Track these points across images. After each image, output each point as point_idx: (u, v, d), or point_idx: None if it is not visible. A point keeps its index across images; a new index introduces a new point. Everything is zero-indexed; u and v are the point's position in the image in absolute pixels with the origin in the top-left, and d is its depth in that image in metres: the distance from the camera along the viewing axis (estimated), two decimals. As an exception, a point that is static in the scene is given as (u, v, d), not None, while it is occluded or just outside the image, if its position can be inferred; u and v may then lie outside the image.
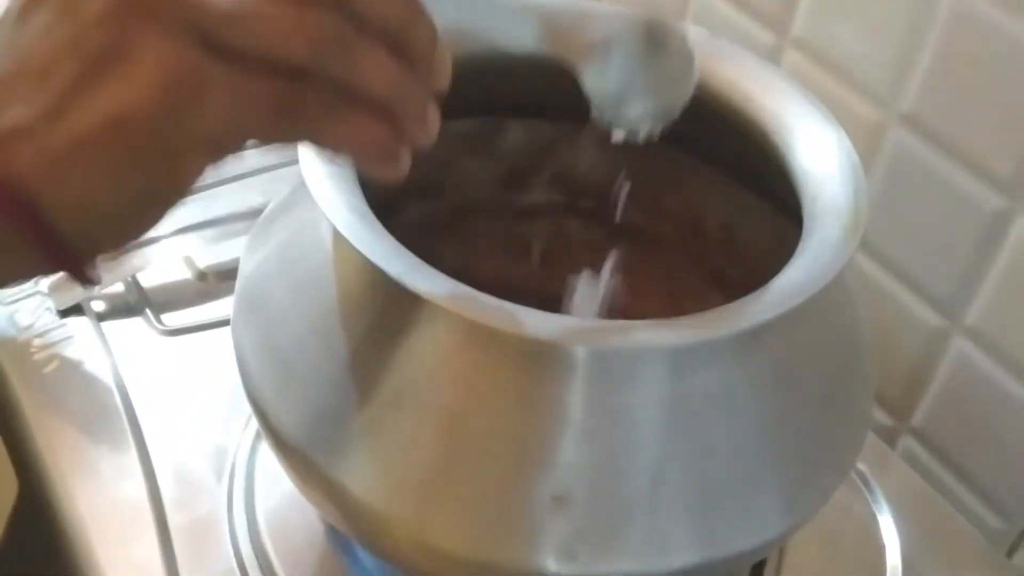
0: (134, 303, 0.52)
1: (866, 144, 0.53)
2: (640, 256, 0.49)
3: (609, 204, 0.49)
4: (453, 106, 0.45)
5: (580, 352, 0.31)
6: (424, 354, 0.32)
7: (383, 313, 0.32)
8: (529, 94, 0.45)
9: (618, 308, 0.50)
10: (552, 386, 0.31)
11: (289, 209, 0.38)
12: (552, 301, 0.50)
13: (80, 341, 0.50)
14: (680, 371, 0.31)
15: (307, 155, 0.33)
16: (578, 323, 0.31)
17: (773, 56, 0.57)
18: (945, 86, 0.49)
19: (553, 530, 0.31)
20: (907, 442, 0.57)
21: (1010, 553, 0.52)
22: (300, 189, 0.39)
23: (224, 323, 0.51)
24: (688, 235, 0.47)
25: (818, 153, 0.35)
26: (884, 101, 0.52)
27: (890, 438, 0.56)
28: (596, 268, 0.50)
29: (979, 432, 0.53)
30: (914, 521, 0.48)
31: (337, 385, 0.33)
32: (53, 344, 0.49)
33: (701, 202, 0.47)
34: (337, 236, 0.32)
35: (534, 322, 0.30)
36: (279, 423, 0.33)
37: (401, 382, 0.32)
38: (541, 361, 0.31)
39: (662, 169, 0.47)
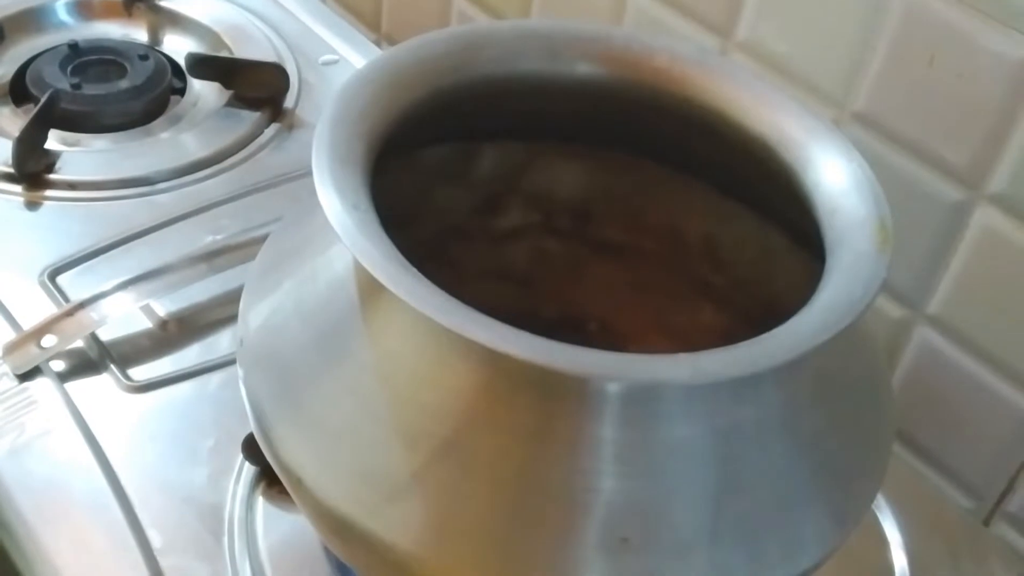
0: (96, 360, 0.49)
1: (822, 144, 0.54)
2: (624, 271, 0.48)
3: (588, 221, 0.49)
4: (426, 135, 0.45)
5: (627, 388, 0.30)
6: (471, 401, 0.31)
7: (425, 362, 0.31)
8: (502, 116, 0.44)
9: (607, 325, 0.50)
10: (598, 423, 0.30)
11: (291, 254, 0.36)
12: (539, 322, 0.49)
13: (45, 406, 0.47)
14: (728, 400, 0.31)
15: (330, 202, 0.31)
16: (629, 358, 0.30)
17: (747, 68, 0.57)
18: (898, 83, 0.50)
19: (615, 572, 0.30)
20: (872, 429, 0.58)
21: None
22: (295, 231, 0.38)
23: (194, 373, 0.49)
24: (670, 248, 0.47)
25: (830, 166, 0.36)
26: (836, 100, 0.53)
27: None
28: (580, 285, 0.49)
29: (945, 417, 0.55)
30: (903, 503, 0.49)
31: (377, 441, 0.31)
32: (16, 413, 0.46)
33: (681, 214, 0.47)
34: (366, 286, 0.30)
35: (587, 359, 0.29)
36: (316, 486, 0.32)
37: (445, 431, 0.31)
38: (586, 398, 0.30)
39: (639, 183, 0.47)
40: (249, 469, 0.45)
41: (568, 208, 0.48)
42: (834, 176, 0.35)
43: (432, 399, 0.31)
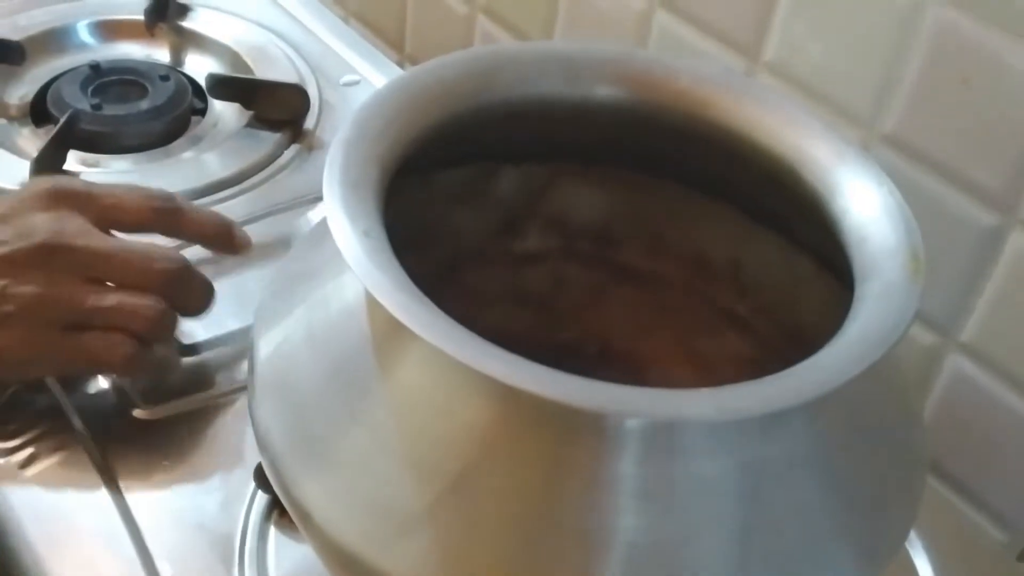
0: (112, 385, 0.48)
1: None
2: (646, 296, 0.47)
3: (609, 246, 0.48)
4: (445, 156, 0.44)
5: (649, 424, 0.29)
6: (482, 433, 0.30)
7: (437, 393, 0.30)
8: (522, 138, 0.43)
9: (628, 351, 0.48)
10: (616, 460, 0.29)
11: (302, 280, 0.35)
12: (558, 348, 0.48)
13: (57, 432, 0.46)
14: (755, 436, 0.30)
15: (339, 227, 0.30)
16: (649, 393, 0.29)
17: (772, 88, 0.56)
18: (929, 104, 0.49)
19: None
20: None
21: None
22: (309, 255, 0.37)
23: (206, 400, 0.48)
24: (694, 274, 0.46)
25: (860, 193, 0.34)
26: (865, 122, 0.52)
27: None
28: (601, 311, 0.48)
29: (978, 447, 0.53)
30: (934, 536, 0.47)
31: (388, 474, 0.30)
32: (27, 438, 0.45)
33: (706, 239, 0.46)
34: (376, 314, 0.29)
35: (604, 394, 0.28)
36: (325, 520, 0.31)
37: (458, 465, 0.30)
38: (604, 434, 0.29)
39: (662, 207, 0.46)
40: (261, 498, 0.44)
41: (589, 232, 0.47)
42: (863, 202, 0.34)
43: (445, 433, 0.30)
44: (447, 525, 0.30)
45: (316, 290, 0.34)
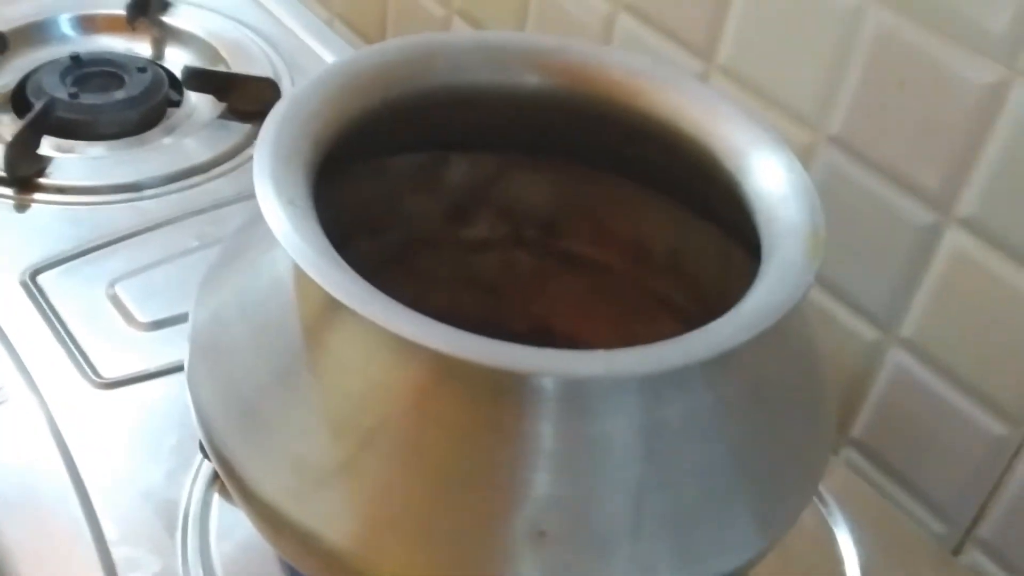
0: (68, 354, 0.50)
1: (797, 166, 0.54)
2: (589, 283, 0.49)
3: (555, 234, 0.49)
4: (398, 142, 0.45)
5: (551, 382, 0.30)
6: (395, 391, 0.31)
7: (351, 353, 0.32)
8: (472, 127, 0.45)
9: (572, 336, 0.50)
10: (525, 418, 0.31)
11: (242, 253, 0.37)
12: (503, 333, 0.50)
13: (14, 398, 0.48)
14: (653, 398, 0.31)
15: (265, 195, 0.32)
16: (548, 353, 0.30)
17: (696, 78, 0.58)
18: (870, 107, 0.51)
19: (534, 564, 0.31)
20: (847, 453, 0.58)
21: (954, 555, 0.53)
22: (247, 231, 0.39)
23: (162, 373, 0.50)
24: (635, 261, 0.48)
25: (769, 175, 0.36)
26: (812, 124, 0.53)
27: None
28: (546, 297, 0.50)
29: (919, 440, 0.54)
30: (863, 528, 0.49)
31: (307, 430, 0.32)
32: (-15, 403, 0.47)
33: (646, 228, 0.47)
34: (300, 277, 0.31)
35: (505, 353, 0.29)
36: (248, 475, 0.32)
37: (373, 421, 0.31)
38: (512, 392, 0.31)
39: (607, 197, 0.47)
40: (207, 467, 0.45)
41: (536, 220, 0.49)
42: (773, 184, 0.36)
43: (358, 389, 0.31)
44: (360, 480, 0.31)
45: (250, 261, 0.36)
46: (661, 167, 0.44)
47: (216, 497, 0.44)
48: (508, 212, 0.49)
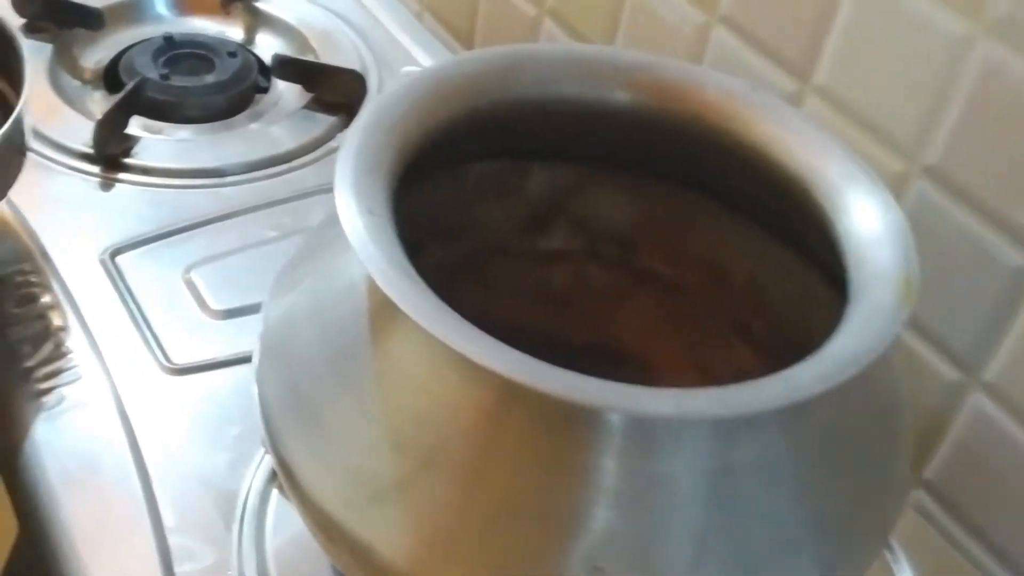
0: (141, 339, 0.50)
1: (888, 195, 0.52)
2: (662, 304, 0.48)
3: (632, 251, 0.48)
4: (478, 150, 0.45)
5: (620, 418, 0.30)
6: (460, 413, 0.31)
7: (418, 369, 0.31)
8: (554, 138, 0.44)
9: (639, 356, 0.49)
10: (590, 451, 0.30)
11: (317, 254, 0.37)
12: (570, 348, 0.49)
13: (86, 377, 0.48)
14: (724, 440, 0.30)
15: (345, 204, 0.32)
16: (619, 387, 0.30)
17: (793, 103, 0.56)
18: (972, 140, 0.49)
19: (589, 600, 0.30)
20: (917, 494, 0.56)
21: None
22: (326, 231, 0.38)
23: (232, 362, 0.50)
24: (712, 285, 0.47)
25: (864, 214, 0.35)
26: (908, 153, 0.52)
27: (903, 491, 0.56)
28: (617, 314, 0.49)
29: (995, 489, 0.52)
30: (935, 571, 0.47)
31: (368, 443, 0.32)
32: (57, 379, 0.48)
33: (727, 252, 0.46)
34: (374, 291, 0.31)
35: (575, 384, 0.29)
36: (306, 480, 0.32)
37: (435, 441, 0.31)
38: (580, 425, 0.30)
39: (688, 217, 0.46)
40: (268, 461, 0.45)
41: (613, 235, 0.48)
42: (867, 224, 0.34)
43: (423, 407, 0.31)
44: (418, 498, 0.31)
45: (325, 264, 0.36)
46: (747, 192, 0.43)
47: (274, 493, 0.44)
48: (584, 225, 0.48)
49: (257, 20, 0.73)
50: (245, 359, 0.50)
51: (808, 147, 0.38)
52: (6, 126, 0.48)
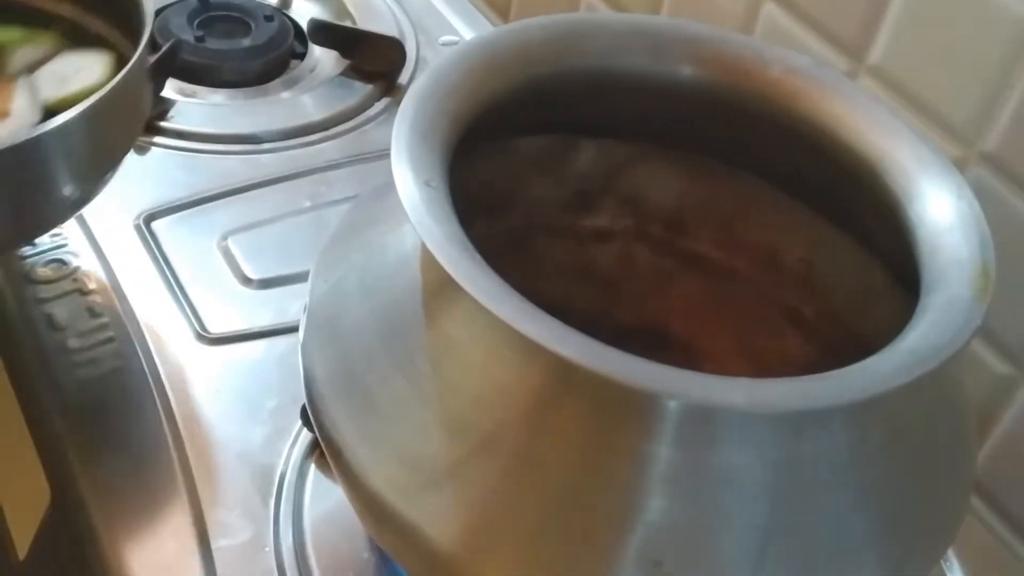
0: (178, 307, 0.50)
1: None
2: (711, 287, 0.47)
3: (681, 232, 0.47)
4: (528, 122, 0.44)
5: (684, 407, 0.28)
6: (516, 396, 0.30)
7: (475, 350, 0.30)
8: (604, 112, 0.43)
9: (686, 340, 0.48)
10: (650, 439, 0.29)
11: (368, 227, 0.36)
12: (614, 330, 0.48)
13: (120, 341, 0.48)
14: (788, 433, 0.29)
15: (402, 175, 0.31)
16: (684, 375, 0.28)
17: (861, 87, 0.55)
18: (1033, 127, 0.47)
19: (645, 594, 0.29)
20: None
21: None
22: (374, 203, 0.37)
23: (267, 333, 0.49)
24: (763, 270, 0.45)
25: (937, 202, 0.33)
26: (966, 138, 0.50)
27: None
28: (664, 296, 0.48)
29: (1042, 485, 0.51)
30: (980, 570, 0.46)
31: (421, 425, 0.31)
32: (92, 347, 0.47)
33: (779, 235, 0.45)
34: (430, 266, 0.30)
35: (638, 369, 0.28)
36: (356, 462, 0.31)
37: (490, 425, 0.30)
38: (640, 411, 0.29)
39: (741, 199, 0.45)
40: (306, 436, 0.45)
41: (661, 215, 0.47)
42: (940, 212, 0.33)
43: (481, 390, 0.30)
44: (472, 484, 0.30)
45: (376, 237, 0.35)
46: (806, 174, 0.41)
47: (312, 468, 0.43)
48: (633, 204, 0.47)
49: (294, -16, 0.72)
50: (282, 330, 0.49)
51: (877, 129, 0.36)
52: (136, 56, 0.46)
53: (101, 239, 0.52)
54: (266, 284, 0.51)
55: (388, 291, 0.33)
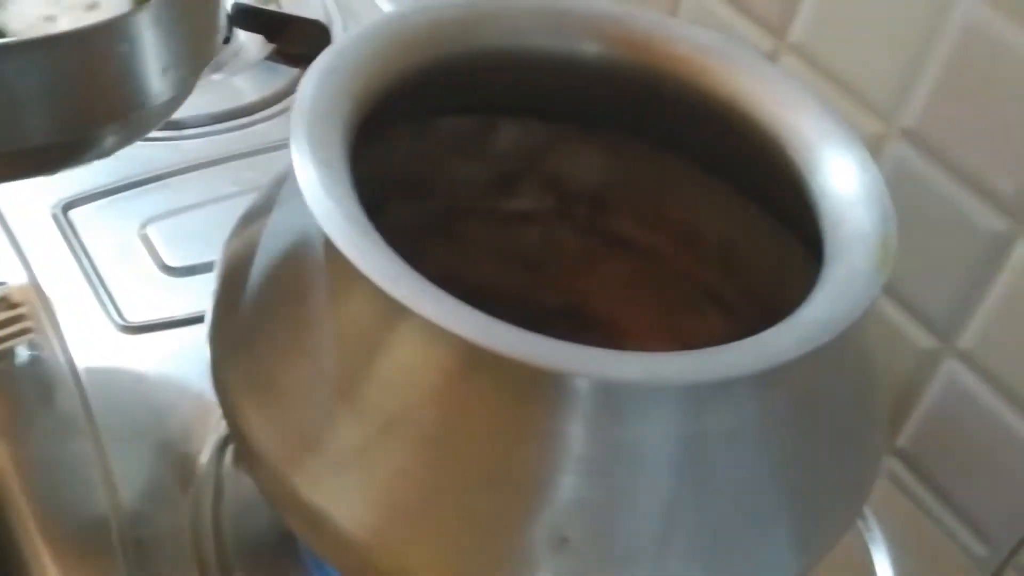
0: (94, 295, 0.49)
1: (865, 157, 0.51)
2: (635, 267, 0.47)
3: (604, 212, 0.47)
4: (444, 103, 0.43)
5: (588, 383, 0.28)
6: (420, 377, 0.29)
7: (377, 331, 0.30)
8: (524, 93, 0.43)
9: (610, 320, 0.48)
10: (557, 417, 0.29)
11: (272, 208, 0.35)
12: (538, 311, 0.48)
13: (37, 334, 0.47)
14: (694, 407, 0.29)
15: (300, 155, 0.30)
16: (586, 351, 0.28)
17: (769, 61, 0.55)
18: (951, 102, 0.48)
19: (553, 571, 0.29)
20: (890, 462, 0.55)
21: (993, 581, 0.51)
22: (282, 185, 0.37)
23: (188, 321, 0.49)
24: (686, 248, 0.46)
25: (841, 174, 0.33)
26: (885, 114, 0.50)
27: (873, 458, 0.55)
28: (588, 277, 0.48)
29: (966, 456, 0.52)
30: (900, 545, 0.47)
31: (324, 406, 0.30)
32: (8, 338, 0.46)
33: (700, 214, 0.45)
34: (330, 248, 0.29)
35: (540, 348, 0.28)
36: (259, 444, 0.31)
37: (394, 406, 0.30)
38: (546, 390, 0.29)
39: (661, 177, 0.45)
40: (225, 426, 0.44)
41: (584, 195, 0.47)
42: (844, 184, 0.33)
43: (384, 371, 0.30)
44: (377, 466, 0.30)
45: (279, 220, 0.34)
46: (721, 151, 0.41)
47: (230, 457, 0.43)
48: (555, 184, 0.47)
49: (219, -32, 0.71)
50: (202, 318, 0.48)
51: (783, 103, 0.36)
52: None
53: (16, 228, 0.51)
54: (187, 272, 0.51)
55: (291, 274, 0.32)
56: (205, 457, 0.43)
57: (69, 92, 0.38)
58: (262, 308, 0.33)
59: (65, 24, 0.40)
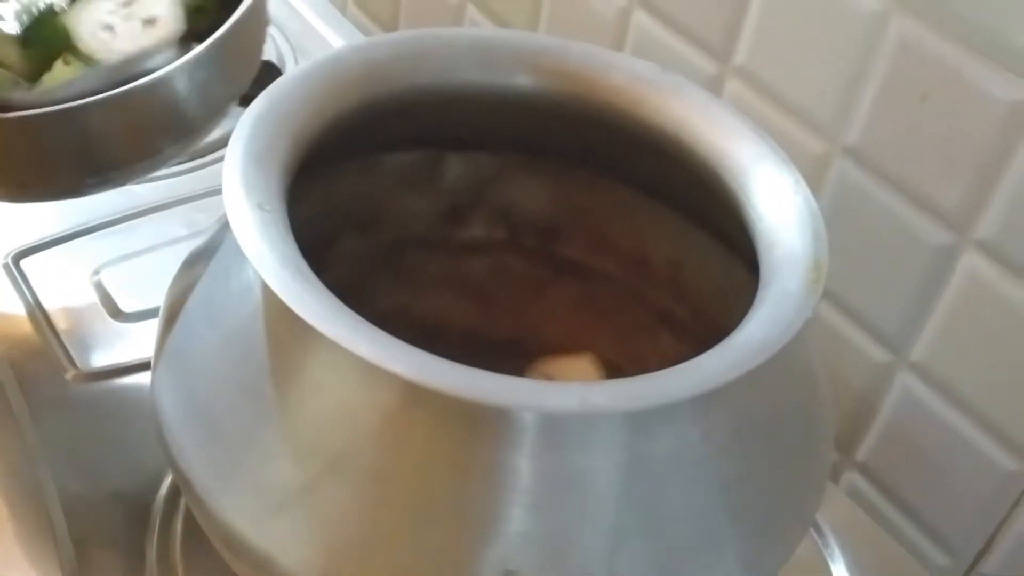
0: (45, 343, 0.49)
1: (810, 177, 0.51)
2: (586, 294, 0.47)
3: (553, 240, 0.47)
4: (389, 139, 0.44)
5: (528, 416, 0.29)
6: (363, 417, 0.29)
7: (317, 373, 0.30)
8: (469, 126, 0.43)
9: (562, 348, 0.48)
10: (499, 451, 0.29)
11: (214, 251, 0.35)
12: (492, 341, 0.48)
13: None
14: (635, 434, 0.29)
15: (233, 199, 0.30)
16: (522, 384, 0.28)
17: (715, 85, 0.56)
18: (891, 118, 0.48)
19: (502, 604, 0.29)
20: (851, 476, 0.56)
21: (957, 592, 0.51)
22: (224, 229, 0.37)
23: (142, 367, 0.48)
24: (635, 274, 0.46)
25: (774, 198, 0.34)
26: (829, 133, 0.51)
27: (834, 473, 0.56)
28: (539, 305, 0.48)
29: (924, 468, 0.52)
30: (861, 561, 0.47)
31: (269, 450, 0.30)
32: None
33: (648, 239, 0.45)
34: (267, 289, 0.29)
35: (476, 383, 0.28)
36: (204, 491, 0.31)
37: (339, 446, 0.30)
38: (486, 424, 0.29)
39: (608, 204, 0.45)
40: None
41: (533, 225, 0.47)
42: (776, 207, 0.34)
43: (324, 411, 0.30)
44: (322, 506, 0.30)
45: (220, 264, 0.34)
46: (663, 177, 0.42)
47: (183, 503, 0.43)
48: (504, 215, 0.47)
49: (170, 12, 0.71)
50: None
51: (718, 129, 0.37)
52: None
53: (-32, 280, 0.51)
54: (141, 316, 0.50)
55: (231, 318, 0.32)
56: (159, 504, 0.43)
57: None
58: (204, 352, 0.33)
59: (121, 35, 0.44)
